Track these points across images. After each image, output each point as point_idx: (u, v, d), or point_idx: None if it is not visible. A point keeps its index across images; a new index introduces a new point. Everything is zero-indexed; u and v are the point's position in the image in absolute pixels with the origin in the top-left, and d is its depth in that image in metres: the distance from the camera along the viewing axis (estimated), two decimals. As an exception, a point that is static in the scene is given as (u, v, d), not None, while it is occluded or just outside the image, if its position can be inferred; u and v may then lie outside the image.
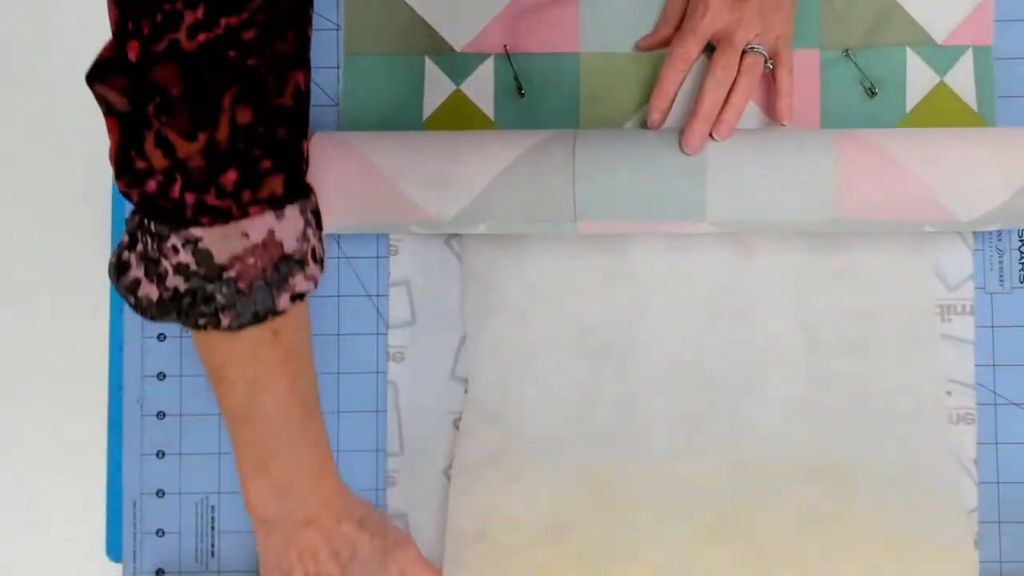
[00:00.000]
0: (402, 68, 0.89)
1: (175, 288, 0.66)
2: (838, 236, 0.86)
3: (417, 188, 0.82)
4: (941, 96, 0.88)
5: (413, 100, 0.89)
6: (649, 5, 0.89)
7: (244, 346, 0.69)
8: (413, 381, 0.88)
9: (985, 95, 0.88)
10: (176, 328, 0.88)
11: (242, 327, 0.67)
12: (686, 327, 0.87)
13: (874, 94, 0.88)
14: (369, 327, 0.88)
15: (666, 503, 0.85)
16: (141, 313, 0.68)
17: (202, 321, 0.66)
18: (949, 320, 0.86)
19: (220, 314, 0.66)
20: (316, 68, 0.89)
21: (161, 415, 0.88)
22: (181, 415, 0.88)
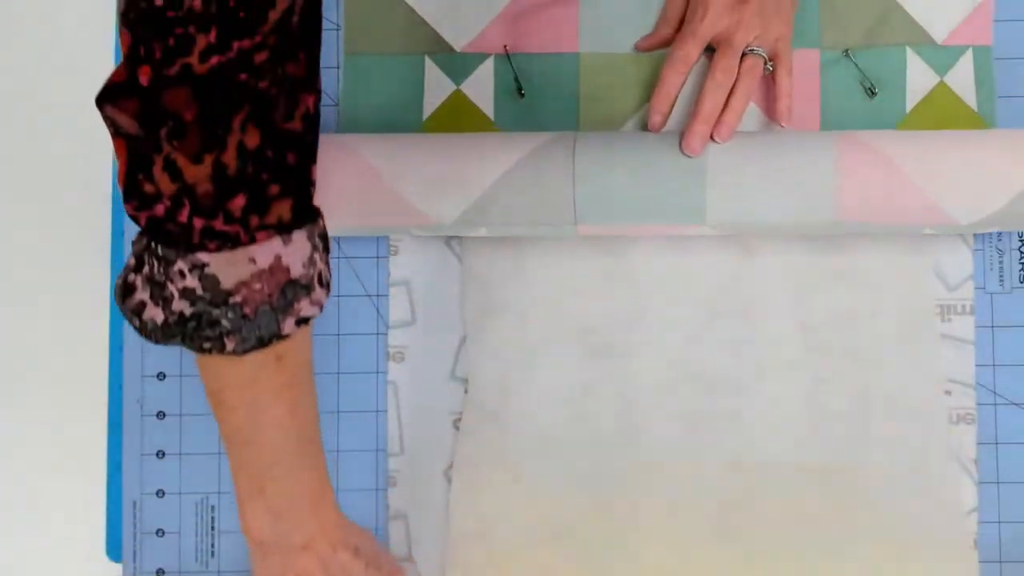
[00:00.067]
0: (402, 68, 0.89)
1: (180, 312, 0.65)
2: (838, 236, 0.86)
3: (417, 192, 0.82)
4: (941, 96, 0.88)
5: (413, 100, 0.89)
6: (649, 5, 0.89)
7: (246, 370, 0.68)
8: (413, 381, 0.88)
9: (985, 95, 0.88)
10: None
11: (247, 352, 0.67)
12: (686, 327, 0.87)
13: (874, 94, 0.88)
14: (369, 327, 0.88)
15: (666, 503, 0.85)
16: (146, 336, 0.67)
17: (207, 345, 0.66)
18: (949, 320, 0.86)
19: (225, 339, 0.66)
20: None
21: (161, 415, 0.88)
22: (181, 415, 0.88)
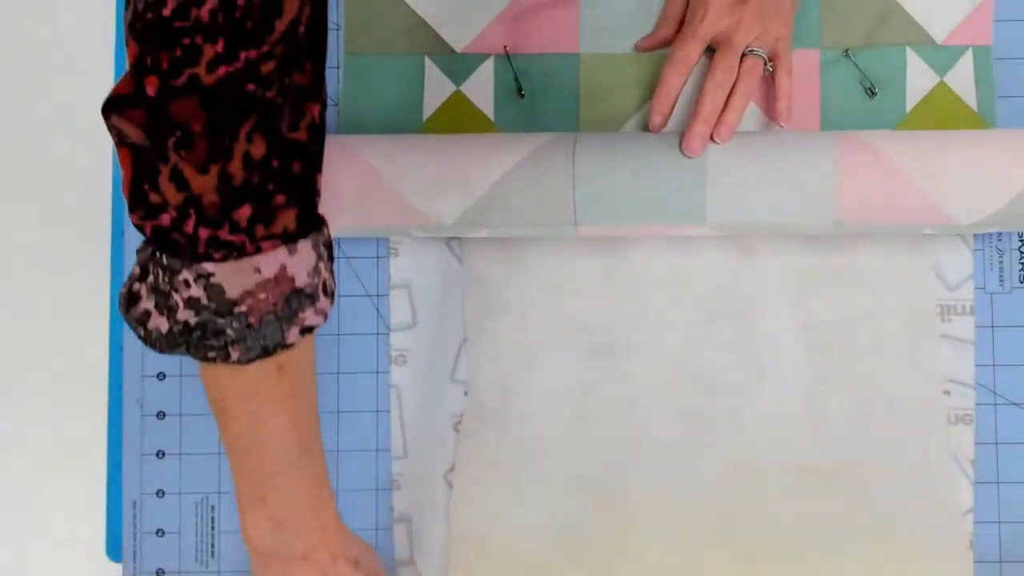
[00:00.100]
0: (402, 68, 0.89)
1: (185, 321, 0.65)
2: (838, 236, 0.86)
3: (417, 194, 0.82)
4: (941, 96, 0.88)
5: (413, 101, 0.89)
6: (649, 6, 0.89)
7: (248, 379, 0.68)
8: (415, 384, 0.88)
9: (985, 95, 0.88)
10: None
11: (251, 361, 0.67)
12: (686, 327, 0.87)
13: (874, 94, 0.88)
14: (369, 327, 0.88)
15: (666, 503, 0.85)
16: (150, 345, 0.67)
17: (211, 355, 0.66)
18: (949, 320, 0.86)
19: (230, 348, 0.66)
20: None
21: (161, 415, 0.88)
22: (181, 415, 0.88)
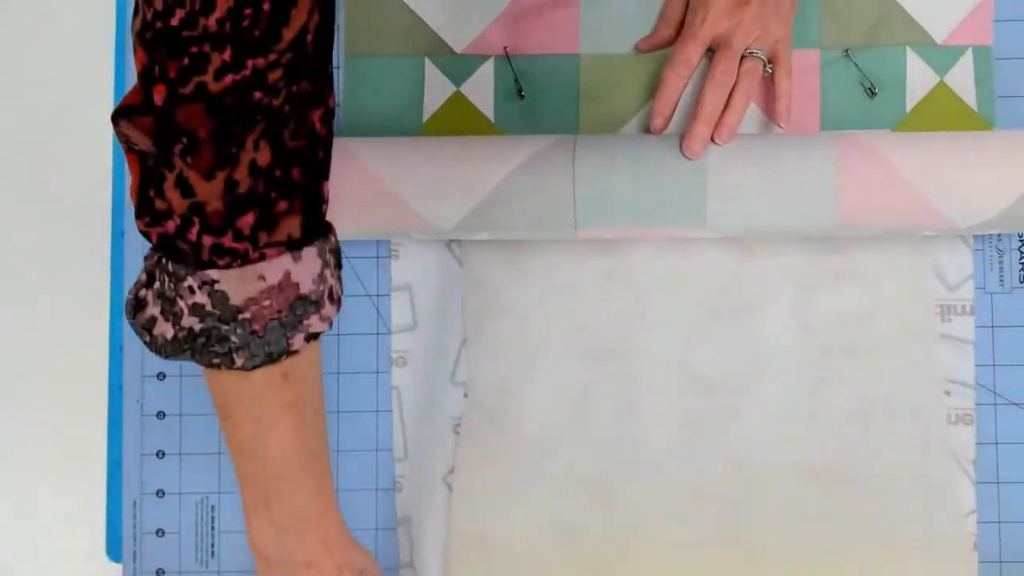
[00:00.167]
0: (402, 70, 0.89)
1: (190, 328, 0.66)
2: (838, 236, 0.86)
3: (417, 198, 0.82)
4: (941, 96, 0.88)
5: (413, 102, 0.89)
6: (649, 6, 0.89)
7: (253, 386, 0.69)
8: (415, 386, 0.88)
9: (985, 95, 0.88)
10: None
11: (255, 368, 0.67)
12: (686, 328, 0.87)
13: (874, 94, 0.88)
14: (369, 327, 0.88)
15: (666, 504, 0.85)
16: (155, 351, 0.68)
17: (216, 361, 0.67)
18: (949, 320, 0.86)
19: (234, 354, 0.66)
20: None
21: (161, 415, 0.88)
22: (181, 415, 0.88)
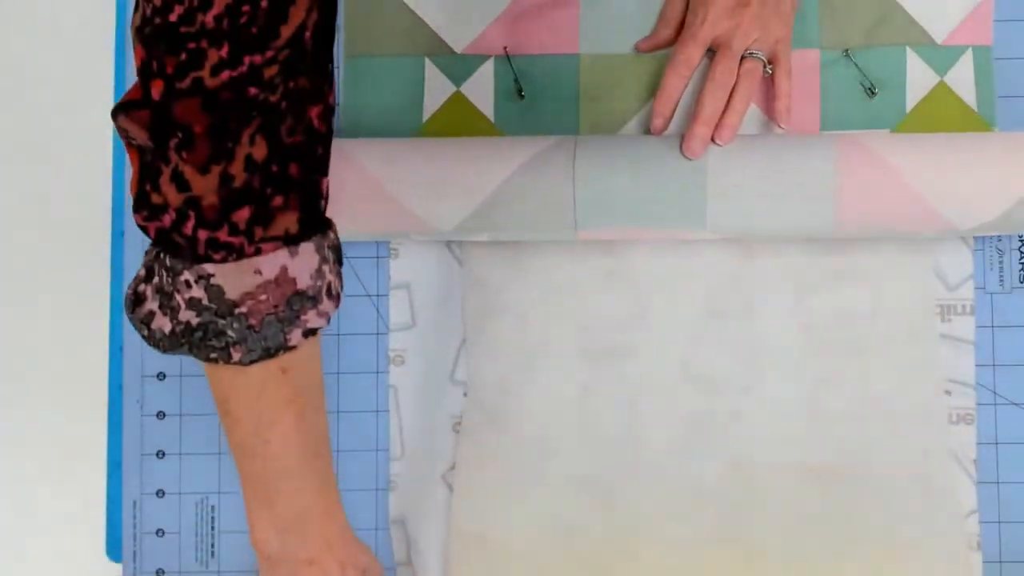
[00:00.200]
0: (402, 70, 0.89)
1: (187, 322, 0.66)
2: (838, 238, 0.86)
3: (417, 201, 0.82)
4: (941, 96, 0.88)
5: (413, 102, 0.89)
6: (648, 6, 0.89)
7: (251, 382, 0.69)
8: (413, 384, 0.88)
9: (985, 95, 0.88)
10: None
11: (252, 362, 0.67)
12: (686, 328, 0.87)
13: (874, 94, 0.88)
14: (369, 327, 0.88)
15: (666, 504, 0.85)
16: (153, 345, 0.68)
17: (213, 355, 0.67)
18: (949, 320, 0.86)
19: (231, 349, 0.66)
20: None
21: (161, 415, 0.88)
22: (181, 415, 0.88)
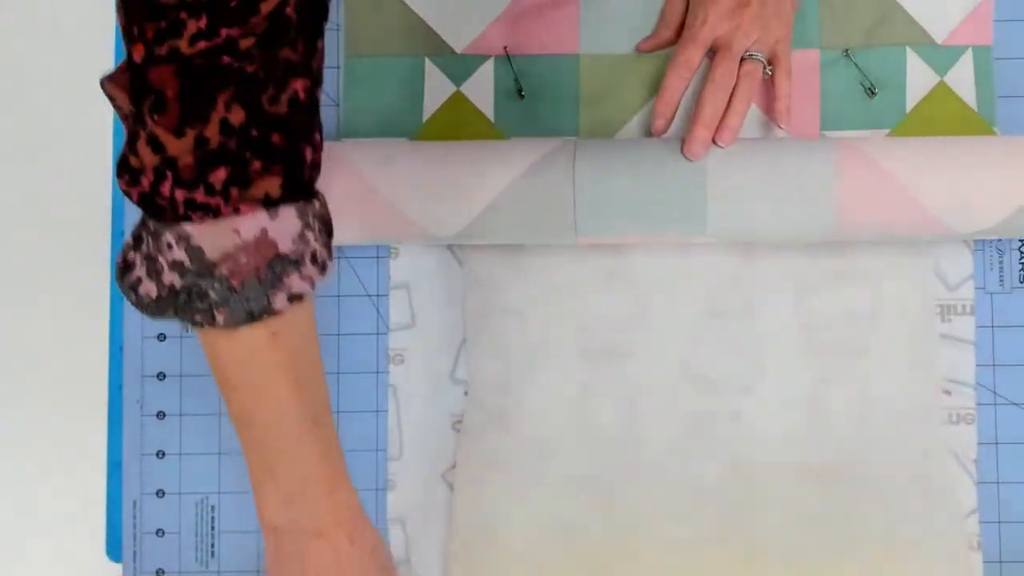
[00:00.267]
0: (402, 69, 0.89)
1: (171, 285, 0.66)
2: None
3: (417, 210, 0.82)
4: (941, 96, 0.88)
5: (413, 101, 0.89)
6: (648, 7, 0.89)
7: (242, 347, 0.69)
8: (413, 384, 0.88)
9: (985, 95, 0.88)
10: (176, 328, 0.88)
11: (237, 325, 0.67)
12: (686, 327, 0.87)
13: (874, 94, 0.88)
14: (369, 327, 0.88)
15: (667, 503, 0.85)
16: (142, 310, 0.68)
17: (198, 318, 0.67)
18: (949, 320, 0.86)
19: (215, 311, 0.66)
20: (316, 69, 0.89)
21: (161, 415, 0.88)
22: (181, 415, 0.88)
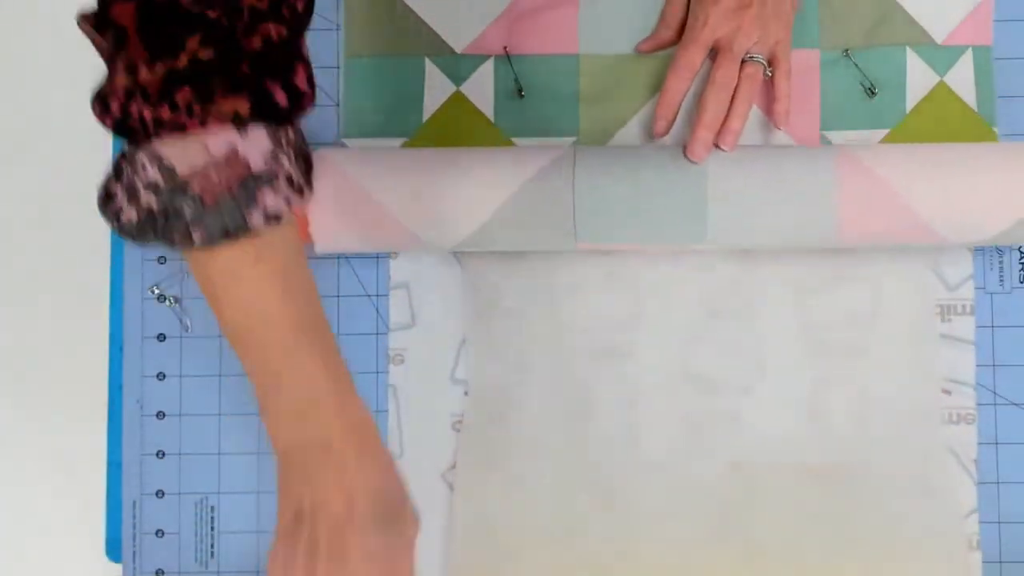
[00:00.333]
0: (402, 69, 0.89)
1: (149, 207, 0.66)
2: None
3: (418, 224, 0.82)
4: (941, 96, 0.88)
5: (413, 101, 0.89)
6: (648, 7, 0.89)
7: (225, 266, 0.68)
8: (413, 384, 0.88)
9: (985, 95, 0.88)
10: (177, 328, 0.88)
11: (215, 243, 0.67)
12: (686, 328, 0.87)
13: (874, 94, 0.88)
14: (369, 327, 0.88)
15: (666, 504, 0.85)
16: (125, 236, 0.68)
17: (177, 238, 0.66)
18: (949, 320, 0.86)
19: (191, 230, 0.66)
20: (317, 68, 0.88)
21: (161, 415, 0.88)
22: (181, 415, 0.88)
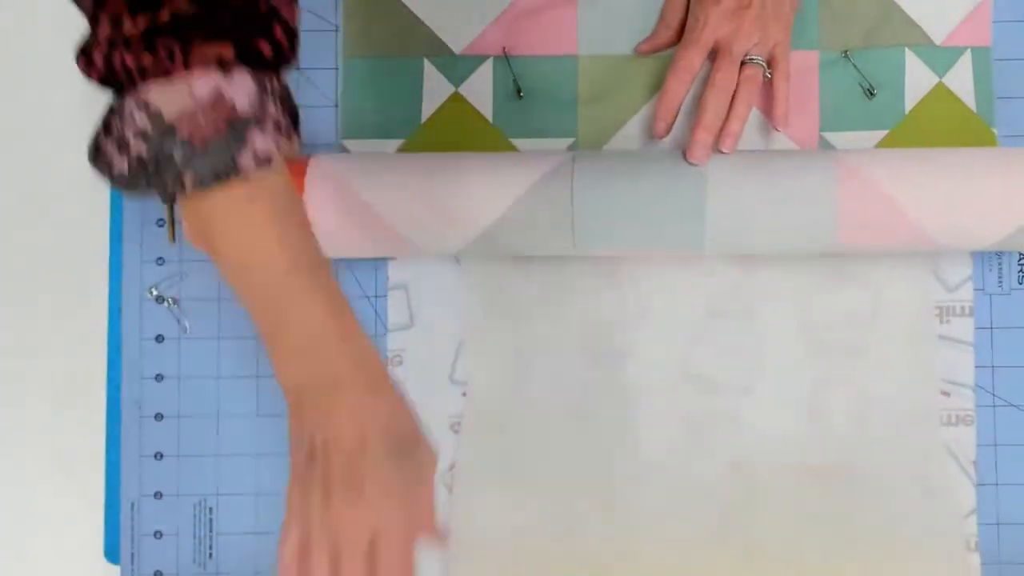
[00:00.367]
0: (401, 70, 0.89)
1: (139, 156, 0.66)
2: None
3: (417, 232, 0.82)
4: (940, 97, 0.88)
5: (412, 102, 0.89)
6: (648, 8, 0.89)
7: (217, 208, 0.67)
8: (411, 385, 0.87)
9: (984, 96, 0.88)
10: (175, 330, 0.88)
11: (206, 186, 0.66)
12: (686, 328, 0.87)
13: (873, 95, 0.88)
14: (367, 328, 0.87)
15: (666, 504, 0.85)
16: (118, 187, 0.68)
17: (169, 185, 0.66)
18: (948, 322, 0.86)
19: (182, 175, 0.66)
20: (315, 70, 0.89)
21: (159, 417, 0.88)
22: (179, 417, 0.88)
